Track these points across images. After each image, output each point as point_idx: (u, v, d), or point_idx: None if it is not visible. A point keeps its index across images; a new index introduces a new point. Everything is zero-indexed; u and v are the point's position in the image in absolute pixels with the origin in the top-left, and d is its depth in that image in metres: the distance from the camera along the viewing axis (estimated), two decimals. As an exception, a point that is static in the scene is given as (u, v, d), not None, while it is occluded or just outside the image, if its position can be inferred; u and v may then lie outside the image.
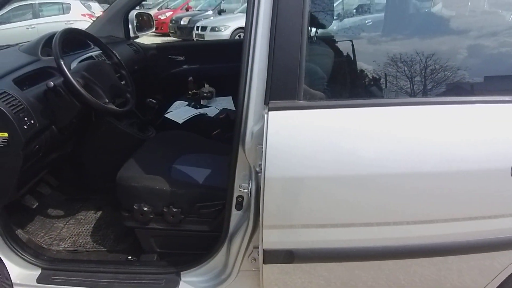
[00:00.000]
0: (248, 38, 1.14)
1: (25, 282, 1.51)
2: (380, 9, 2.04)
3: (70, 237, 1.88)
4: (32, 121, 1.46)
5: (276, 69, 1.10)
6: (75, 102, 1.60)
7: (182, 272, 1.49)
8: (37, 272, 1.54)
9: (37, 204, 1.89)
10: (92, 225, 1.96)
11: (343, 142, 1.11)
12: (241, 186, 1.24)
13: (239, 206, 1.30)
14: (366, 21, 1.94)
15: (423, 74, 1.22)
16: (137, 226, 1.58)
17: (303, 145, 1.10)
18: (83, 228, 1.95)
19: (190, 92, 2.72)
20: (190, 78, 2.77)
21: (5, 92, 1.42)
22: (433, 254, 1.23)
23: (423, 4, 1.80)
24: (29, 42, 1.98)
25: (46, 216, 2.01)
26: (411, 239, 1.20)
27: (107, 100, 1.70)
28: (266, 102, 1.11)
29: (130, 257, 1.68)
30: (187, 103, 2.57)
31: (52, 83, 1.52)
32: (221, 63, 2.88)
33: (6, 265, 1.49)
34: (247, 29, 1.14)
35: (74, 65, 1.84)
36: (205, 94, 2.63)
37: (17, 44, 2.15)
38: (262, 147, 1.10)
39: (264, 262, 1.24)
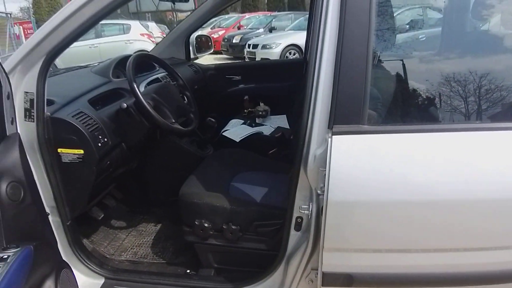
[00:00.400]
0: (313, 62, 1.16)
1: None
2: (433, 24, 2.00)
3: (131, 248, 1.98)
4: (106, 139, 1.57)
5: (340, 94, 1.11)
6: (145, 122, 1.71)
7: None
8: (100, 281, 1.63)
9: (102, 215, 2.01)
10: (152, 237, 2.05)
11: (407, 168, 1.10)
12: (301, 208, 1.25)
13: (298, 227, 1.31)
14: (420, 38, 1.91)
15: (494, 98, 1.19)
16: (197, 241, 1.63)
17: (367, 170, 1.10)
18: (144, 240, 2.04)
19: (245, 110, 2.79)
20: (246, 97, 2.85)
21: (81, 112, 1.55)
22: (491, 282, 1.20)
23: (479, 22, 1.75)
24: (100, 64, 2.15)
25: (110, 227, 2.13)
26: (469, 266, 1.17)
27: (173, 120, 1.80)
28: (330, 126, 1.13)
29: (188, 271, 1.74)
30: (243, 121, 2.64)
31: (125, 105, 1.64)
32: (276, 83, 2.95)
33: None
34: (312, 54, 1.17)
35: (142, 87, 1.97)
36: (260, 113, 2.70)
37: (87, 65, 2.34)
38: (325, 171, 1.11)
39: (323, 285, 1.23)
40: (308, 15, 3.02)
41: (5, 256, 0.95)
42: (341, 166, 1.09)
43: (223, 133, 2.43)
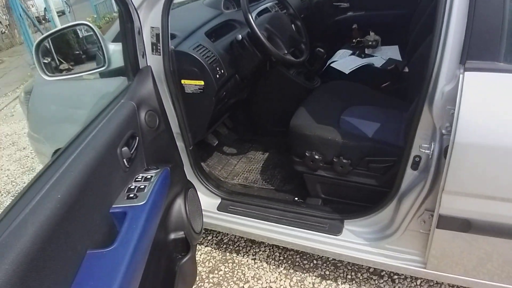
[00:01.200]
0: None
1: (207, 208, 1.76)
2: None
3: (242, 173, 2.13)
4: (222, 71, 1.64)
5: (476, 27, 0.99)
6: (257, 53, 1.73)
7: (345, 220, 1.56)
8: (217, 201, 1.79)
9: (217, 142, 2.16)
10: (261, 165, 2.17)
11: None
12: (422, 146, 1.20)
13: (415, 166, 1.27)
14: None
15: None
16: (306, 171, 1.69)
17: (500, 112, 1.00)
18: (253, 167, 2.17)
19: (354, 40, 2.66)
20: (355, 26, 2.70)
21: (200, 44, 1.62)
22: None
23: None
24: None
25: (222, 153, 2.29)
26: None
27: (285, 51, 1.79)
28: (462, 62, 1.03)
29: (296, 198, 1.83)
30: (351, 52, 2.52)
31: (240, 36, 1.67)
32: (388, 10, 2.72)
33: (197, 192, 1.78)
34: None
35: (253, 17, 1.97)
36: (370, 43, 2.54)
37: None
38: (453, 109, 1.04)
39: (437, 227, 1.21)
40: None
41: (149, 176, 1.10)
42: (472, 105, 1.01)
43: (331, 64, 2.36)
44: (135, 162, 1.11)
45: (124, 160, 1.05)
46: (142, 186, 1.04)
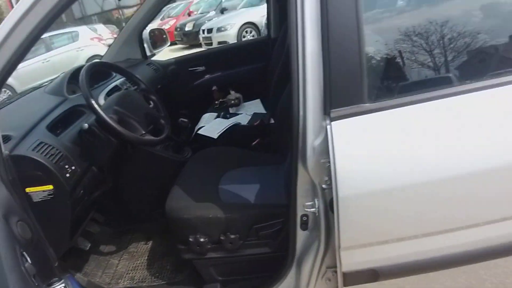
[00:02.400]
0: (295, 41, 1.00)
1: None
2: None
3: (127, 273, 1.82)
4: (73, 167, 1.39)
5: (334, 73, 0.97)
6: (111, 139, 1.52)
7: None
8: None
9: (90, 245, 1.83)
10: (146, 257, 1.89)
11: (421, 144, 0.98)
12: (306, 205, 1.12)
13: (304, 226, 1.19)
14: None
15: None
16: (195, 257, 1.49)
17: (375, 155, 0.97)
18: (138, 262, 1.88)
19: (216, 102, 2.63)
20: (214, 87, 2.69)
21: (41, 142, 1.35)
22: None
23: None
24: (53, 82, 1.92)
25: (100, 254, 1.95)
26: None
27: (143, 132, 1.62)
28: (326, 112, 0.99)
29: None
30: (216, 114, 2.47)
31: (86, 125, 1.45)
32: (243, 67, 2.79)
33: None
34: (292, 31, 1.00)
35: (101, 99, 1.77)
36: (232, 102, 2.54)
37: (40, 85, 2.09)
38: (328, 162, 0.98)
39: (345, 285, 1.13)
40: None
41: None
42: (347, 154, 0.97)
43: (198, 132, 2.26)
44: None
45: None
46: None
